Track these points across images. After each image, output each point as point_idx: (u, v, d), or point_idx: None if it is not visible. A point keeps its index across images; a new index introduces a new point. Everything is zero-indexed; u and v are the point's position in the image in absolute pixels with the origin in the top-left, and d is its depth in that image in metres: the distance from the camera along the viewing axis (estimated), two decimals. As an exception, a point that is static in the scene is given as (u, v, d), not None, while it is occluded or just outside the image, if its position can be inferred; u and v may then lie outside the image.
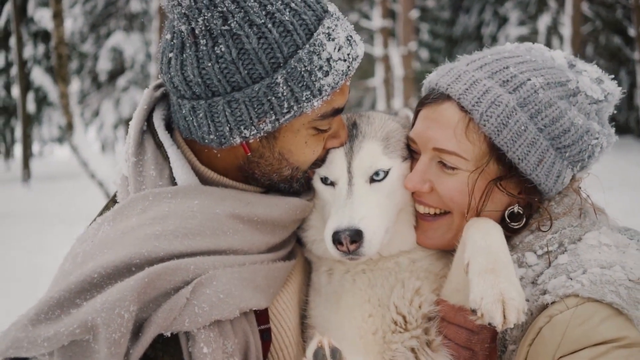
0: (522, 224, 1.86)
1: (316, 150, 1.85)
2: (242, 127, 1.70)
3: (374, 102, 24.83)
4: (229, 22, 1.64)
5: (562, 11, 19.06)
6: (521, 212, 1.87)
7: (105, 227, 1.67)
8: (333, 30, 1.73)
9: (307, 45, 1.67)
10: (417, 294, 1.89)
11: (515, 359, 1.70)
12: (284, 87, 1.66)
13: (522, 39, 21.53)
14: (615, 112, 1.98)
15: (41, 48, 26.03)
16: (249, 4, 1.64)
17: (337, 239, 1.79)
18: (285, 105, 1.68)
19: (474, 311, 1.53)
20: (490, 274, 1.56)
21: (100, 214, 1.80)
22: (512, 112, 1.78)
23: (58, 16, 13.09)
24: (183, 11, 1.67)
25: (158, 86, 1.95)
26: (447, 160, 1.87)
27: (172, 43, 1.73)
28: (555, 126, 1.79)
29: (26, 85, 23.81)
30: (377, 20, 19.36)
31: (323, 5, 1.77)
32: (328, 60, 1.70)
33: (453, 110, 1.85)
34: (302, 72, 1.66)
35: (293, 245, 2.01)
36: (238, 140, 1.73)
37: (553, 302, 1.63)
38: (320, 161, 1.94)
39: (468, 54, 2.00)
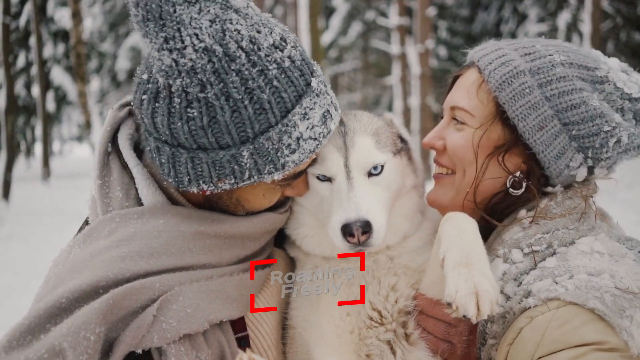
0: (522, 192, 1.88)
1: (272, 200, 1.88)
2: (200, 182, 1.70)
3: (391, 100, 24.76)
4: (206, 91, 1.60)
5: (582, 8, 18.86)
6: (521, 178, 1.89)
7: (76, 249, 1.69)
8: (310, 109, 1.70)
9: (280, 125, 1.65)
10: (392, 290, 1.92)
11: (496, 358, 1.71)
12: (249, 160, 1.65)
13: (541, 35, 21.22)
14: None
15: (61, 47, 26.34)
16: (231, 79, 1.59)
17: (348, 231, 1.80)
18: (247, 174, 1.68)
19: (449, 304, 1.54)
20: (464, 268, 1.58)
21: (76, 236, 1.82)
22: (519, 74, 1.84)
23: (77, 16, 13.26)
24: (163, 67, 1.62)
25: (123, 105, 1.94)
26: (458, 115, 1.95)
27: (147, 87, 1.68)
28: (564, 99, 1.81)
29: (46, 84, 24.08)
30: (394, 18, 19.31)
31: (307, 78, 1.73)
32: (298, 139, 1.68)
33: (473, 73, 1.96)
34: (269, 149, 1.65)
35: (269, 252, 2.01)
36: (195, 190, 1.74)
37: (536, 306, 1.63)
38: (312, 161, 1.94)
39: (487, 51, 2.02)
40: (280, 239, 2.12)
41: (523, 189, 1.88)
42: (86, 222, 1.90)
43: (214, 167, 1.67)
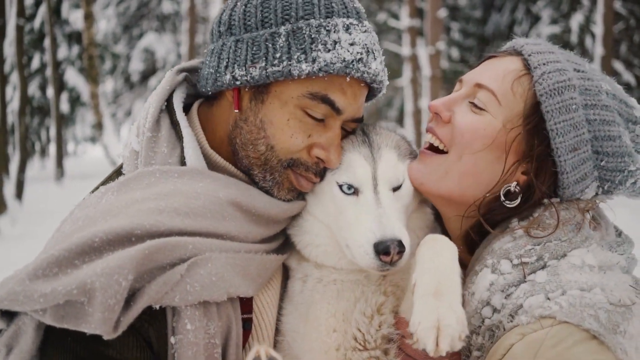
0: (516, 204, 1.81)
1: (295, 137, 1.84)
2: (235, 66, 1.82)
3: (402, 102, 24.71)
4: None
5: (595, 9, 18.73)
6: (517, 191, 1.82)
7: (109, 196, 1.71)
8: (354, 30, 1.83)
9: (322, 20, 1.80)
10: (378, 312, 1.87)
11: None
12: (284, 40, 1.79)
13: (554, 37, 21.23)
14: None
15: (75, 49, 26.55)
16: None
17: (383, 250, 1.75)
18: (277, 56, 1.78)
19: (412, 335, 1.49)
20: (432, 298, 1.52)
21: (103, 183, 1.86)
22: (570, 88, 1.76)
23: (89, 18, 13.36)
24: None
25: (180, 70, 2.03)
26: (482, 97, 1.85)
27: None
28: (603, 128, 1.76)
29: (60, 85, 24.29)
30: (405, 20, 19.27)
31: (361, 13, 1.91)
32: (335, 42, 1.79)
33: (515, 63, 1.86)
34: (305, 36, 1.79)
35: (283, 240, 2.02)
36: (228, 77, 1.83)
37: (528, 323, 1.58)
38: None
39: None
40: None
41: (518, 202, 1.81)
42: (117, 173, 1.93)
43: (252, 47, 1.82)
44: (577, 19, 21.24)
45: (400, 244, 1.75)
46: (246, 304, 1.82)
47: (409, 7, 19.11)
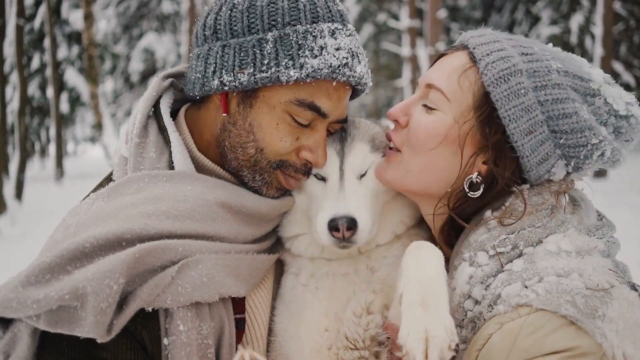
0: (479, 194, 1.82)
1: (284, 140, 1.87)
2: (223, 71, 1.83)
3: (403, 102, 24.72)
4: None
5: (595, 10, 18.75)
6: (479, 181, 1.82)
7: (100, 202, 1.73)
8: (340, 34, 1.84)
9: (308, 26, 1.81)
10: (367, 311, 1.90)
11: None
12: (271, 46, 1.80)
13: (554, 38, 21.26)
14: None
15: (75, 49, 26.58)
16: None
17: (333, 226, 1.83)
18: (265, 62, 1.79)
19: (401, 347, 1.48)
20: (419, 309, 1.51)
21: (94, 190, 1.87)
22: (516, 73, 1.76)
23: (89, 18, 13.36)
24: None
25: (167, 76, 2.05)
26: (433, 97, 1.86)
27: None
28: (557, 107, 1.75)
29: (60, 85, 24.31)
30: (405, 20, 19.32)
31: (344, 17, 1.92)
32: (322, 48, 1.80)
33: (462, 58, 1.86)
34: (293, 42, 1.79)
35: (275, 239, 2.06)
36: (216, 82, 1.84)
37: (506, 312, 1.59)
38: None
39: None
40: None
41: (480, 191, 1.82)
42: (108, 180, 1.95)
43: (239, 53, 1.83)
44: (576, 20, 21.29)
45: (350, 221, 1.82)
46: (239, 304, 1.84)
47: (408, 7, 19.15)
